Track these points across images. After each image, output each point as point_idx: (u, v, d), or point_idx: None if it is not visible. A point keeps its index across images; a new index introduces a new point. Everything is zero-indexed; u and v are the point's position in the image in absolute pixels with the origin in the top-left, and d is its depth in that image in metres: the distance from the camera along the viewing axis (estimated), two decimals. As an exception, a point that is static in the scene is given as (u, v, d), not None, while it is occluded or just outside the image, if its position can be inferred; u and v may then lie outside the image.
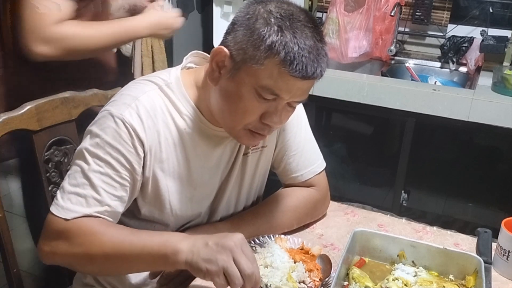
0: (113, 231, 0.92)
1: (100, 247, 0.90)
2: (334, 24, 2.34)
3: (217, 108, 0.98)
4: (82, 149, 0.96)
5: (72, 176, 0.95)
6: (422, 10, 2.42)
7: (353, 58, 2.37)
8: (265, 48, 0.86)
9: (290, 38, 0.86)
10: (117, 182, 0.95)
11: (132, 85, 1.03)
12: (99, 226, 0.92)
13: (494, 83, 1.99)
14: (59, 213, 0.92)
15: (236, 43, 0.90)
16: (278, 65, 0.86)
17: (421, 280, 0.97)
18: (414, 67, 2.41)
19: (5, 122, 1.11)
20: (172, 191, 1.03)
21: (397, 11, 2.32)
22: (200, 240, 0.84)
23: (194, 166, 1.03)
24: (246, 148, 1.10)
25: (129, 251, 0.89)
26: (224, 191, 1.11)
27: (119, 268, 0.95)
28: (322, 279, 0.98)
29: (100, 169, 0.94)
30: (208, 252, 0.81)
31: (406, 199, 2.17)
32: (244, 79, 0.90)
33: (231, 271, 0.79)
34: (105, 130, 0.95)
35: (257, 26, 0.88)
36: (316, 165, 1.20)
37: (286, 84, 0.89)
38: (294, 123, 1.16)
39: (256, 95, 0.90)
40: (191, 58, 1.08)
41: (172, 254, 0.85)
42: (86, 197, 0.93)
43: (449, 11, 2.42)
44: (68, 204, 0.92)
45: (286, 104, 0.94)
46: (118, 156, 0.94)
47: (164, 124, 0.99)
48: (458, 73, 2.39)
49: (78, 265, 0.97)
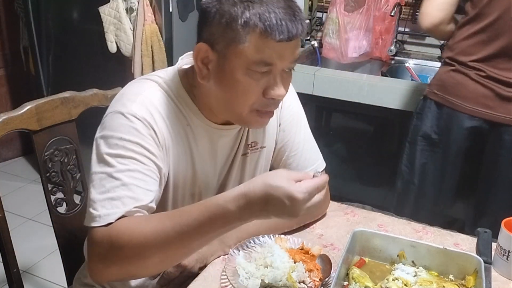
0: (158, 218, 0.86)
1: (153, 239, 0.82)
2: (334, 24, 2.34)
3: (219, 102, 0.97)
4: (102, 155, 0.91)
5: (98, 185, 0.90)
6: (422, 10, 2.42)
7: (353, 58, 2.37)
8: (241, 25, 0.86)
9: (262, 8, 0.86)
10: (147, 176, 0.92)
11: (131, 85, 1.02)
12: (141, 220, 0.87)
13: (494, 83, 1.98)
14: (98, 223, 0.86)
15: (212, 34, 0.90)
16: (260, 36, 0.87)
17: (421, 280, 0.97)
18: (414, 67, 2.41)
19: (5, 122, 1.11)
20: (178, 187, 1.03)
21: (397, 11, 2.32)
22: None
23: (197, 163, 1.04)
24: (245, 148, 1.10)
25: (183, 229, 0.82)
26: (224, 190, 1.11)
27: (175, 253, 0.86)
28: (322, 279, 0.98)
29: (127, 167, 0.90)
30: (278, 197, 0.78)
31: (406, 199, 2.16)
32: (234, 63, 0.90)
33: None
34: (119, 129, 0.92)
35: (225, 9, 0.88)
36: (316, 165, 1.19)
37: (274, 51, 0.88)
38: (293, 123, 1.16)
39: (250, 73, 0.90)
40: (186, 59, 1.08)
41: (231, 201, 0.80)
42: (120, 198, 0.88)
43: (449, 11, 2.41)
44: (104, 211, 0.87)
45: (282, 72, 0.93)
46: (141, 150, 0.92)
47: (169, 119, 0.98)
48: (458, 73, 2.38)
49: (134, 267, 0.87)
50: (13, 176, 3.10)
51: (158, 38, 2.26)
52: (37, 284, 2.21)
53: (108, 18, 2.31)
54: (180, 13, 2.34)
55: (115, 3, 2.28)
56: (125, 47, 2.33)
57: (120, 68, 2.40)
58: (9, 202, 1.40)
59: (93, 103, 1.27)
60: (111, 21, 2.31)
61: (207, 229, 0.82)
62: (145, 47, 2.25)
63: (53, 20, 2.63)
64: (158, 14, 2.25)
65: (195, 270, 1.04)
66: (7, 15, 3.05)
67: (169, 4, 2.27)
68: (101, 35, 2.35)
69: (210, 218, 0.81)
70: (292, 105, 1.15)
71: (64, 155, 1.23)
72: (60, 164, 1.22)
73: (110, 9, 2.30)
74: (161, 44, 2.27)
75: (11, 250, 1.15)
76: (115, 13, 2.29)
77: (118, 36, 2.33)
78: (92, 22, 2.38)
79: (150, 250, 0.84)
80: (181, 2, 2.33)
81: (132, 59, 2.32)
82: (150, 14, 2.23)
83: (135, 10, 2.25)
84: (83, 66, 2.59)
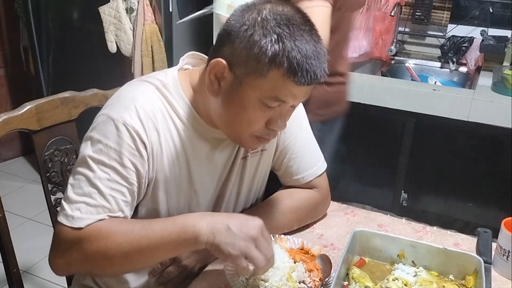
0: (126, 228, 0.90)
1: (119, 249, 0.89)
2: (334, 24, 2.34)
3: (220, 118, 0.97)
4: (86, 156, 0.93)
5: (77, 186, 0.92)
6: (422, 10, 2.42)
7: (353, 58, 2.37)
8: (268, 60, 0.85)
9: (291, 46, 0.84)
10: (124, 187, 0.94)
11: (129, 87, 1.01)
12: (111, 226, 0.90)
13: (494, 83, 1.98)
14: (69, 223, 0.90)
15: (234, 56, 0.89)
16: (282, 76, 0.86)
17: (421, 280, 0.97)
18: (414, 67, 2.41)
19: (5, 122, 1.10)
20: (171, 194, 1.03)
21: (397, 11, 2.32)
22: (219, 221, 0.87)
23: (193, 168, 1.03)
24: (245, 151, 1.09)
25: (147, 246, 0.88)
26: (223, 195, 1.11)
27: (139, 263, 0.94)
28: (322, 279, 0.98)
29: (106, 176, 0.92)
30: (230, 236, 0.84)
31: (406, 199, 2.17)
32: (248, 92, 0.89)
33: (254, 255, 0.84)
34: (107, 136, 0.93)
35: (255, 38, 0.86)
36: (317, 167, 1.19)
37: (291, 92, 0.88)
38: (294, 126, 1.15)
39: (260, 105, 0.90)
40: (187, 60, 1.07)
41: (192, 238, 0.86)
42: (96, 206, 0.91)
43: (449, 11, 2.42)
44: (78, 213, 0.90)
45: (289, 107, 0.94)
46: (123, 161, 0.93)
47: (164, 126, 0.98)
48: (458, 73, 2.39)
49: (96, 269, 0.95)
50: (13, 176, 3.10)
51: (158, 38, 2.26)
52: (37, 284, 2.21)
53: (108, 18, 2.31)
54: (180, 13, 2.34)
55: (115, 3, 2.28)
56: (125, 47, 2.34)
57: (120, 68, 2.40)
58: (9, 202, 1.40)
59: (93, 103, 1.27)
60: (111, 21, 2.31)
61: (172, 247, 0.89)
62: (145, 47, 2.25)
63: (53, 20, 2.63)
64: (158, 14, 2.26)
65: (195, 270, 1.04)
66: (7, 15, 3.05)
67: (169, 4, 2.27)
68: (101, 35, 2.35)
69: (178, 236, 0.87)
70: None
71: (64, 155, 1.23)
72: (60, 164, 1.22)
73: (110, 9, 2.30)
74: (161, 44, 2.27)
75: (11, 250, 1.15)
76: (115, 13, 2.29)
77: (118, 36, 2.33)
78: (92, 22, 2.38)
79: (119, 258, 0.89)
80: (181, 2, 2.33)
81: (132, 59, 2.32)
82: (150, 14, 2.23)
83: (135, 10, 2.25)
84: (83, 66, 2.59)
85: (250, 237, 0.85)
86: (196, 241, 0.86)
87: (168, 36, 2.32)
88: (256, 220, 0.88)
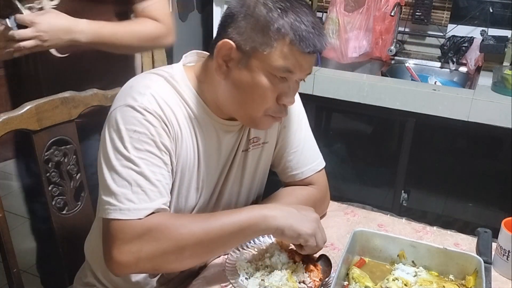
0: (193, 219, 0.96)
1: (191, 235, 0.90)
2: (334, 24, 2.34)
3: (231, 101, 0.98)
4: (118, 148, 0.91)
5: (118, 179, 0.90)
6: (422, 10, 2.42)
7: (353, 58, 2.37)
8: (274, 31, 0.90)
9: (295, 17, 0.90)
10: (163, 169, 0.94)
11: (138, 78, 1.02)
12: (177, 217, 0.95)
13: (494, 83, 1.99)
14: (128, 216, 0.88)
15: (240, 34, 0.92)
16: (288, 44, 0.90)
17: (421, 280, 0.97)
18: (414, 67, 2.41)
19: (5, 122, 1.10)
20: (184, 180, 1.03)
21: (397, 11, 2.32)
22: (285, 208, 0.99)
23: (202, 158, 1.04)
24: (246, 144, 1.10)
25: (220, 231, 0.92)
26: (225, 186, 1.11)
27: (211, 251, 0.97)
28: (322, 279, 0.98)
29: (145, 161, 0.91)
30: (302, 218, 0.97)
31: (406, 199, 2.17)
32: (257, 66, 0.93)
33: (320, 236, 0.98)
34: (132, 122, 0.92)
35: (259, 12, 0.91)
36: (315, 163, 1.20)
37: (297, 61, 0.93)
38: (294, 121, 1.16)
39: (271, 78, 0.93)
40: (190, 57, 1.08)
41: (263, 221, 0.94)
42: (146, 192, 0.90)
43: (449, 11, 2.42)
44: (132, 205, 0.89)
45: (295, 81, 0.97)
46: (155, 143, 0.93)
47: (179, 113, 0.99)
48: (458, 73, 2.39)
49: (168, 261, 0.92)
50: (13, 176, 3.10)
51: (158, 38, 2.25)
52: (37, 284, 2.21)
53: (108, 18, 2.31)
54: (180, 13, 2.34)
55: (115, 3, 2.27)
56: (125, 47, 2.33)
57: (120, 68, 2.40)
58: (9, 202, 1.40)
59: (93, 103, 1.27)
60: (111, 21, 2.31)
61: (242, 231, 0.94)
62: (145, 47, 2.25)
63: (53, 20, 2.63)
64: (158, 14, 2.25)
65: (195, 270, 1.04)
66: (7, 15, 3.05)
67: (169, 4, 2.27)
68: (101, 35, 2.35)
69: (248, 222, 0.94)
70: (293, 103, 1.15)
71: (64, 155, 1.23)
72: (60, 164, 1.22)
73: (110, 9, 2.30)
74: (161, 44, 2.27)
75: (11, 250, 1.15)
76: (115, 13, 2.28)
77: (118, 36, 2.33)
78: (92, 22, 2.37)
79: (191, 246, 0.91)
80: (181, 2, 2.33)
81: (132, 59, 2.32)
82: (150, 14, 2.23)
83: (135, 10, 2.25)
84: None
85: (316, 219, 0.99)
86: (267, 224, 0.94)
87: (168, 36, 2.31)
88: (311, 209, 1.02)
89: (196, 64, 1.06)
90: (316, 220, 0.99)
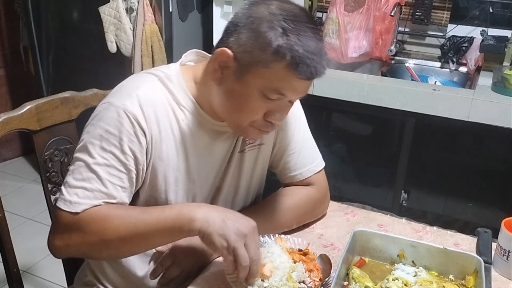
0: (124, 213, 0.93)
1: (115, 231, 0.91)
2: (334, 24, 2.34)
3: (221, 106, 0.99)
4: (86, 142, 0.95)
5: (76, 171, 0.95)
6: (422, 10, 2.42)
7: (353, 58, 2.37)
8: (272, 51, 0.88)
9: (295, 41, 0.88)
10: (123, 173, 0.95)
11: (132, 78, 1.04)
12: (109, 211, 0.93)
13: (494, 83, 1.98)
14: (67, 208, 0.93)
15: (240, 45, 0.91)
16: (285, 68, 0.89)
17: (421, 280, 0.97)
18: (414, 67, 2.41)
19: (5, 122, 1.11)
20: (170, 183, 1.03)
21: (397, 11, 2.32)
22: (215, 212, 0.90)
23: (192, 159, 1.04)
24: (242, 145, 1.10)
25: (144, 230, 0.91)
26: (221, 188, 1.11)
27: (135, 247, 0.97)
28: (322, 279, 0.98)
29: (105, 162, 0.94)
30: (223, 228, 0.87)
31: (406, 199, 2.17)
32: (251, 81, 0.92)
33: (241, 253, 0.86)
34: (107, 122, 0.95)
35: (262, 29, 0.89)
36: (314, 164, 1.20)
37: (291, 85, 0.91)
38: (292, 122, 1.16)
39: (261, 96, 0.92)
40: (190, 57, 1.09)
41: (187, 223, 0.89)
42: (93, 191, 0.93)
43: (449, 11, 2.42)
44: (75, 198, 0.93)
45: (287, 102, 0.96)
46: (122, 147, 0.94)
47: (164, 115, 0.99)
48: (458, 73, 2.38)
49: (94, 252, 0.97)
50: (13, 176, 3.10)
51: (158, 38, 2.26)
52: (37, 284, 2.21)
53: (108, 18, 2.31)
54: (180, 13, 2.34)
55: (115, 3, 2.28)
56: (125, 47, 2.34)
57: (120, 68, 2.40)
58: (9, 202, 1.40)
59: (93, 103, 1.27)
60: (111, 21, 2.31)
61: (167, 232, 0.91)
62: (145, 47, 2.26)
63: (53, 20, 2.63)
64: (158, 14, 2.26)
65: (195, 270, 1.04)
66: (7, 15, 3.05)
67: (169, 4, 2.27)
68: (101, 35, 2.35)
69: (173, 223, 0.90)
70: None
71: (64, 155, 1.23)
72: (60, 164, 1.22)
73: (110, 9, 2.30)
74: (161, 44, 2.27)
75: (11, 250, 1.15)
76: (115, 13, 2.29)
77: (118, 36, 2.33)
78: (92, 22, 2.38)
79: (116, 241, 0.92)
80: (181, 2, 2.33)
81: (132, 59, 2.32)
82: (150, 14, 2.23)
83: (135, 10, 2.25)
84: (83, 66, 2.59)
85: (242, 233, 0.87)
86: (190, 227, 0.88)
87: (168, 36, 2.32)
88: (250, 221, 0.91)
89: (195, 65, 1.06)
90: (241, 235, 0.87)
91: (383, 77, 2.25)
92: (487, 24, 2.30)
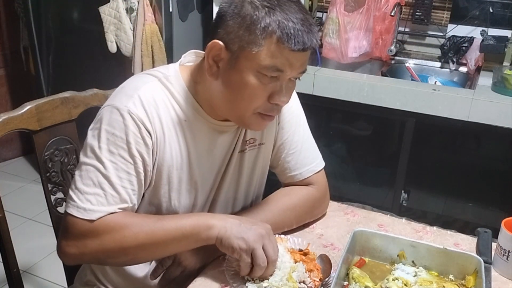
0: (141, 220, 0.94)
1: (134, 239, 0.92)
2: (334, 24, 2.34)
3: (222, 100, 0.98)
4: (93, 146, 0.95)
5: (85, 176, 0.94)
6: (422, 10, 2.42)
7: (353, 58, 2.37)
8: (261, 30, 0.89)
9: (282, 15, 0.89)
10: (132, 176, 0.95)
11: (132, 79, 1.03)
12: (126, 218, 0.93)
13: (494, 83, 1.98)
14: (82, 215, 0.92)
15: (228, 33, 0.92)
16: (276, 43, 0.89)
17: (421, 280, 0.97)
18: (414, 67, 2.41)
19: (5, 122, 1.11)
20: (173, 182, 1.04)
21: (397, 11, 2.32)
22: (231, 218, 0.95)
23: (194, 159, 1.04)
24: (242, 145, 1.10)
25: (162, 237, 0.93)
26: (221, 188, 1.11)
27: (152, 254, 0.98)
28: (322, 279, 0.98)
29: (114, 165, 0.94)
30: (241, 231, 0.92)
31: (406, 199, 2.17)
32: (245, 65, 0.92)
33: (258, 253, 0.90)
34: (112, 125, 0.94)
35: (246, 12, 0.90)
36: (314, 164, 1.19)
37: (287, 59, 0.91)
38: (292, 122, 1.16)
39: (260, 77, 0.92)
40: (189, 57, 1.09)
41: (205, 230, 0.92)
42: (106, 196, 0.93)
43: (449, 11, 2.42)
44: (89, 205, 0.92)
45: (288, 80, 0.96)
46: (130, 150, 0.94)
47: (167, 115, 0.99)
48: (458, 73, 2.38)
49: (110, 259, 0.97)
50: (13, 176, 3.10)
51: (158, 38, 2.26)
52: (37, 284, 2.21)
53: (108, 18, 2.31)
54: (180, 13, 2.34)
55: (115, 3, 2.28)
56: (125, 47, 2.34)
57: (120, 68, 2.40)
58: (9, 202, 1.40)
59: (93, 103, 1.27)
60: (111, 21, 2.31)
61: (185, 239, 0.94)
62: (145, 47, 2.26)
63: (53, 20, 2.63)
64: (158, 14, 2.26)
65: (195, 270, 1.04)
66: (7, 15, 3.05)
67: (169, 4, 2.27)
68: (101, 35, 2.35)
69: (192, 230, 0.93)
70: (291, 104, 1.15)
71: (64, 155, 1.23)
72: (60, 164, 1.22)
73: (110, 9, 2.30)
74: (161, 44, 2.27)
75: (11, 250, 1.15)
76: (115, 13, 2.29)
77: (118, 36, 2.33)
78: (92, 22, 2.38)
79: (134, 248, 0.93)
80: (181, 2, 2.33)
81: (132, 59, 2.32)
82: (150, 14, 2.23)
83: (135, 10, 2.25)
84: (83, 66, 2.59)
85: (260, 235, 0.92)
86: (208, 234, 0.92)
87: (168, 36, 2.32)
88: (266, 224, 0.97)
89: (193, 65, 1.06)
90: (259, 236, 0.92)
91: (383, 77, 2.25)
92: (487, 24, 2.30)
